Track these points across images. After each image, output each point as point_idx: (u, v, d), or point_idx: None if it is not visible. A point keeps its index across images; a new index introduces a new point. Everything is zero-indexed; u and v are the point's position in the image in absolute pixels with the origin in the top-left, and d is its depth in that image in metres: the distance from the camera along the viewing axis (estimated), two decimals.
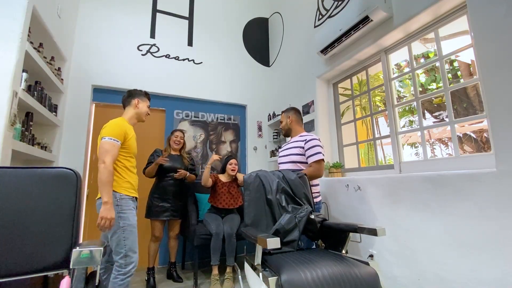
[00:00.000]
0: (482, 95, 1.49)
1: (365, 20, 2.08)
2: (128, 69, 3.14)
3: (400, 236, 1.76)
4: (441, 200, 1.53)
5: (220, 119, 3.67)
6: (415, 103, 2.00)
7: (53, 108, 2.48)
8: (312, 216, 1.60)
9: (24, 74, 1.78)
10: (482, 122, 4.68)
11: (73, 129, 2.76)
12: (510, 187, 1.24)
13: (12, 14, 1.69)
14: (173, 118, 3.37)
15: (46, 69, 2.13)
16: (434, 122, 5.63)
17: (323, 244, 1.64)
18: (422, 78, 5.58)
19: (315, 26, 2.96)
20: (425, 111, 5.79)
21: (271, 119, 3.69)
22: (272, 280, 1.14)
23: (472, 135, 5.29)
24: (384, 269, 1.83)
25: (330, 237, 1.56)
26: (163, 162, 2.48)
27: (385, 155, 5.61)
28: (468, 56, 4.37)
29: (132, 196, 1.65)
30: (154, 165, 2.45)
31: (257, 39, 4.12)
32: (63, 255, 1.06)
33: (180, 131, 2.75)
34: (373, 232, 1.25)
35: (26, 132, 1.93)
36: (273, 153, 3.59)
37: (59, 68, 2.58)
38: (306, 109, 2.96)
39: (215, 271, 2.36)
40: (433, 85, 5.42)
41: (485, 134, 4.98)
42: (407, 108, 5.86)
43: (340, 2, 2.56)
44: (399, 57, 2.54)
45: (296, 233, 1.55)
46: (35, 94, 2.01)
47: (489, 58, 1.37)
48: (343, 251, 1.45)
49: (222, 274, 2.47)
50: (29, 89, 1.94)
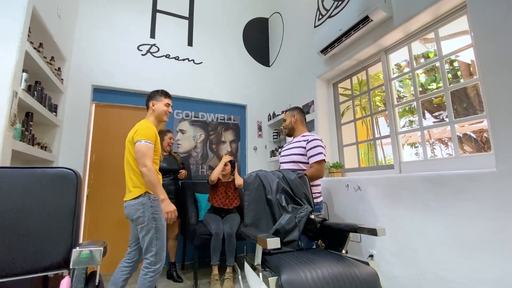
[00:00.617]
0: (482, 95, 1.49)
1: (365, 20, 2.08)
2: (128, 69, 3.14)
3: (400, 236, 1.76)
4: (441, 200, 1.53)
5: (220, 119, 3.67)
6: (415, 103, 2.00)
7: (53, 108, 2.48)
8: (312, 216, 1.60)
9: (24, 74, 1.78)
10: (482, 122, 4.68)
11: (73, 129, 2.76)
12: (510, 187, 1.24)
13: (12, 14, 1.69)
14: (173, 118, 3.36)
15: (46, 69, 2.13)
16: (434, 122, 5.63)
17: (323, 244, 1.64)
18: (422, 78, 5.58)
19: (315, 26, 2.96)
20: (425, 111, 5.79)
21: (271, 119, 3.69)
22: (272, 280, 1.14)
23: (472, 135, 5.29)
24: (384, 269, 1.83)
25: (330, 237, 1.56)
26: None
27: (385, 155, 5.60)
28: (468, 56, 4.37)
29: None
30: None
31: (257, 39, 4.12)
32: (63, 255, 1.06)
33: (171, 132, 2.77)
34: (373, 232, 1.25)
35: (26, 132, 1.93)
36: (273, 153, 3.59)
37: (59, 68, 2.58)
38: (306, 109, 2.96)
39: (215, 271, 2.36)
40: (433, 85, 5.42)
41: (485, 134, 4.98)
42: (407, 108, 5.85)
43: (340, 2, 2.56)
44: (399, 57, 2.54)
45: (296, 233, 1.55)
46: (35, 94, 2.02)
47: (489, 58, 1.37)
48: (343, 251, 1.45)
49: (222, 274, 2.47)
50: (29, 89, 1.94)
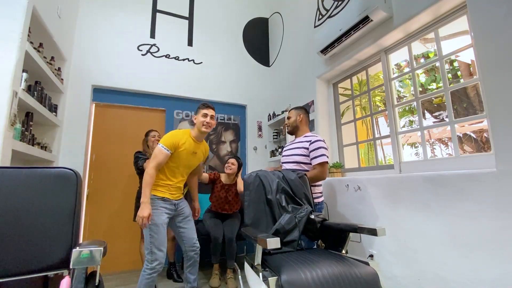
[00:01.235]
0: (482, 95, 1.49)
1: (365, 20, 2.08)
2: (128, 69, 3.14)
3: (400, 236, 1.76)
4: (441, 200, 1.53)
5: (220, 119, 3.67)
6: (415, 103, 2.00)
7: (53, 108, 2.48)
8: (312, 216, 1.60)
9: (24, 74, 1.78)
10: (482, 122, 4.68)
11: (73, 129, 2.76)
12: (510, 187, 1.24)
13: (12, 14, 1.69)
14: (173, 118, 3.36)
15: (46, 69, 2.13)
16: (434, 122, 5.63)
17: (323, 244, 1.64)
18: (422, 78, 5.58)
19: (315, 26, 2.96)
20: (425, 111, 5.79)
21: (271, 119, 3.69)
22: (272, 280, 1.14)
23: (472, 135, 5.29)
24: (384, 269, 1.83)
25: (330, 237, 1.56)
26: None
27: (385, 155, 5.60)
28: (468, 56, 4.37)
29: (163, 196, 1.76)
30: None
31: (257, 39, 4.12)
32: (63, 255, 1.06)
33: (156, 131, 2.64)
34: (373, 232, 1.25)
35: (26, 132, 1.93)
36: (273, 153, 3.58)
37: (59, 68, 2.58)
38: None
39: (216, 268, 2.40)
40: (433, 85, 5.41)
41: (485, 134, 4.98)
42: (407, 108, 5.85)
43: (340, 2, 2.56)
44: (399, 57, 2.54)
45: (296, 233, 1.55)
46: (35, 94, 2.02)
47: (489, 58, 1.37)
48: (343, 251, 1.45)
49: (222, 273, 2.47)
50: (29, 89, 1.94)
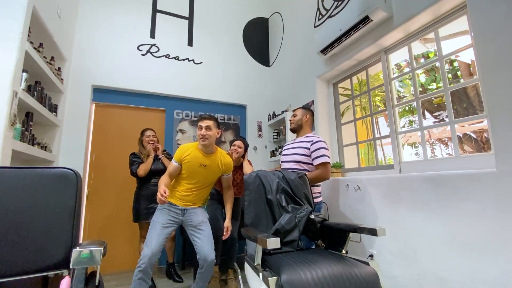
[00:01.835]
0: (482, 95, 1.49)
1: (365, 20, 2.08)
2: (128, 69, 3.14)
3: (400, 236, 1.76)
4: (441, 200, 1.53)
5: (220, 119, 3.66)
6: (415, 103, 2.00)
7: (53, 108, 2.48)
8: (312, 216, 1.60)
9: (24, 74, 1.78)
10: (482, 122, 4.68)
11: (73, 129, 2.76)
12: (510, 187, 1.24)
13: (12, 14, 1.69)
14: (173, 118, 3.36)
15: (46, 69, 2.13)
16: (434, 122, 5.63)
17: (323, 244, 1.64)
18: (422, 78, 5.57)
19: (315, 26, 2.96)
20: (425, 111, 5.79)
21: (271, 119, 3.69)
22: (272, 280, 1.14)
23: (472, 135, 5.29)
24: (384, 269, 1.83)
25: (330, 237, 1.57)
26: (157, 149, 2.52)
27: (385, 155, 5.60)
28: (468, 56, 4.37)
29: (169, 201, 1.90)
30: (150, 158, 2.42)
31: (257, 39, 4.12)
32: (63, 255, 1.06)
33: (151, 130, 2.58)
34: (373, 232, 1.25)
35: (26, 132, 1.93)
36: (273, 153, 3.58)
37: (59, 68, 2.58)
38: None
39: (215, 269, 2.37)
40: (433, 85, 5.41)
41: (485, 134, 4.98)
42: (407, 108, 5.85)
43: (340, 2, 2.56)
44: (399, 57, 2.54)
45: (296, 233, 1.55)
46: (35, 94, 2.02)
47: (489, 58, 1.37)
48: (343, 251, 1.45)
49: (222, 273, 2.47)
50: (29, 89, 1.94)
